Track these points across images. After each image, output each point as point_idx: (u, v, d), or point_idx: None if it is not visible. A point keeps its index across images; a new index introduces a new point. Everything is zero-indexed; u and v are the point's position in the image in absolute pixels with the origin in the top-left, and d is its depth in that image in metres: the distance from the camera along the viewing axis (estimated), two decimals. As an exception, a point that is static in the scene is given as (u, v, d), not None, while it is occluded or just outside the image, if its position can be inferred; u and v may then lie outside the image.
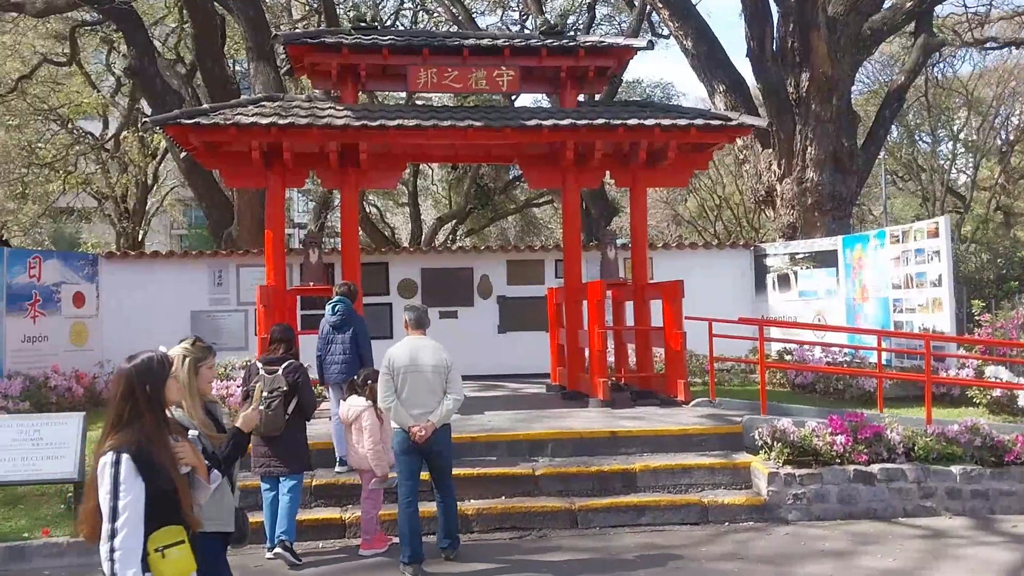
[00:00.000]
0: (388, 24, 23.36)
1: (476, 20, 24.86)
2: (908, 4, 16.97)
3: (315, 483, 7.90)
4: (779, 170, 16.23)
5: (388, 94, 22.91)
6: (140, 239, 27.18)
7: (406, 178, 26.88)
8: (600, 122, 10.35)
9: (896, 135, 31.20)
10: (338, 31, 11.49)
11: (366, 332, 8.39)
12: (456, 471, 7.51)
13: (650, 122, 10.41)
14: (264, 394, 6.71)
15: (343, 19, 19.95)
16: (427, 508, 7.03)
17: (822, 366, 11.84)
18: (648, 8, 21.38)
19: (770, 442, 8.23)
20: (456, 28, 22.19)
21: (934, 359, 9.98)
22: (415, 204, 29.21)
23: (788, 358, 12.71)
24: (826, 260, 14.16)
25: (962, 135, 32.28)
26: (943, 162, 32.74)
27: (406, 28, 24.30)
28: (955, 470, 7.99)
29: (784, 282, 14.83)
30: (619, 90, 23.69)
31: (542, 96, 25.56)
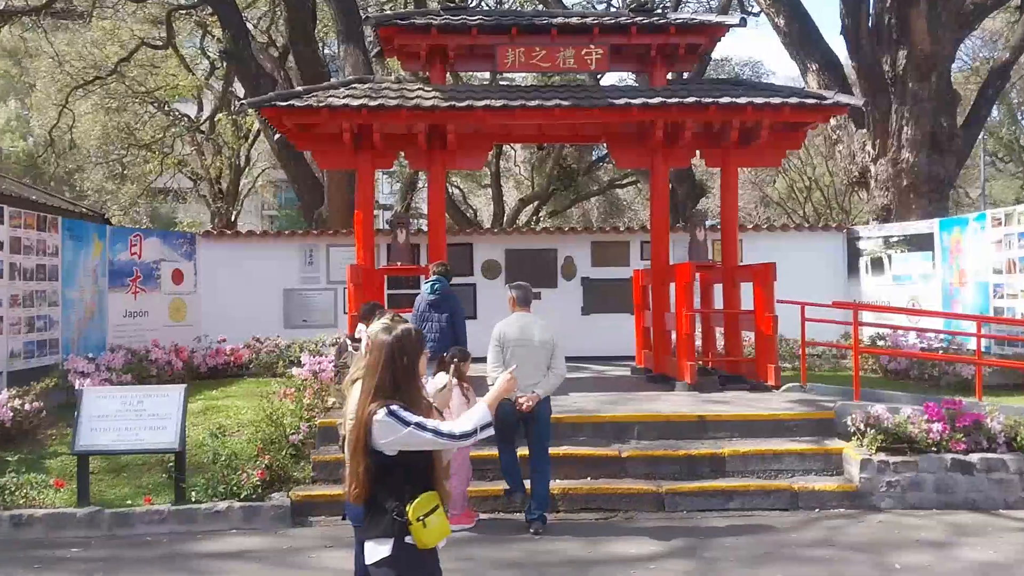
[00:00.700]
0: (475, 5, 23.41)
1: (562, -1, 24.71)
2: (1015, -23, 16.24)
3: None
4: (873, 151, 15.75)
5: (472, 75, 22.99)
6: (233, 219, 27.95)
7: (489, 160, 26.95)
8: (691, 100, 10.20)
9: (997, 114, 29.96)
10: (427, 12, 11.58)
11: (462, 312, 8.50)
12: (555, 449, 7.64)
13: (742, 100, 10.21)
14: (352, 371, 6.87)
15: (430, 1, 20.07)
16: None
17: (917, 351, 11.49)
18: (738, -15, 20.91)
19: (863, 428, 8.05)
20: (542, 7, 22.10)
21: (1039, 347, 9.59)
22: (497, 186, 29.29)
23: (881, 343, 12.37)
24: (922, 243, 13.71)
25: (1069, 114, 30.83)
26: (1048, 142, 31.32)
27: (492, 8, 24.30)
28: (1061, 462, 7.69)
29: (877, 266, 14.42)
30: (707, 69, 23.29)
31: (627, 76, 25.33)
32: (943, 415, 7.90)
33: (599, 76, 20.32)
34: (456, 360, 7.25)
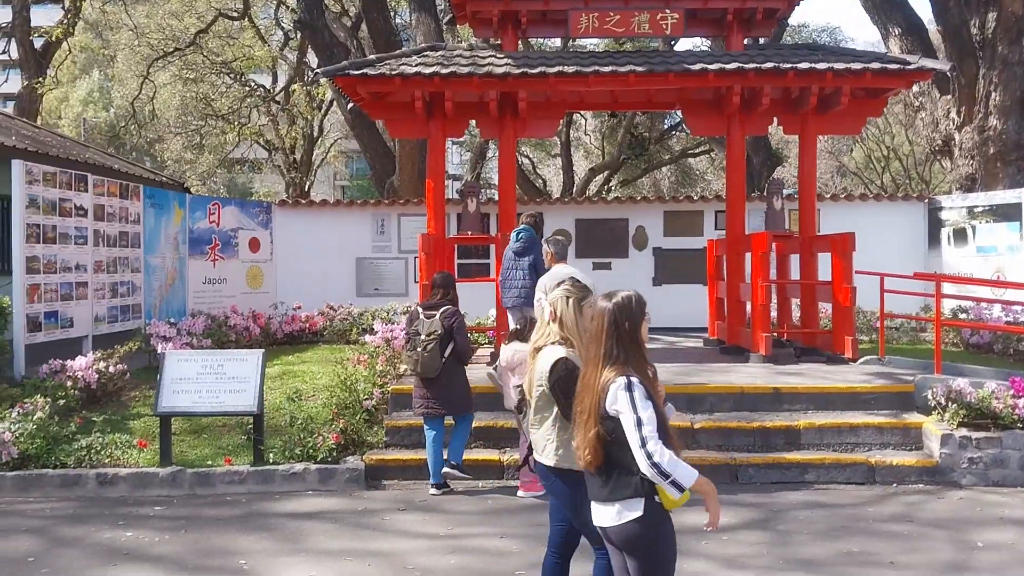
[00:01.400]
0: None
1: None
2: (1116, -68, 15.37)
3: (475, 425, 8.10)
4: (958, 118, 15.18)
5: (542, 43, 22.79)
6: (307, 189, 28.36)
7: (559, 129, 26.80)
8: (769, 66, 9.94)
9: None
10: (500, -22, 11.45)
11: (543, 262, 8.56)
12: None
13: (822, 66, 9.92)
14: (422, 337, 7.17)
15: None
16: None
17: (1002, 325, 11.11)
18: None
19: (944, 403, 7.83)
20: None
21: None
22: (567, 155, 29.08)
23: (963, 316, 11.99)
24: (1008, 214, 13.20)
25: None
26: None
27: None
28: None
29: (960, 236, 13.95)
30: (784, 35, 22.67)
31: (699, 42, 24.84)
32: (1030, 390, 7.64)
33: (672, 42, 19.96)
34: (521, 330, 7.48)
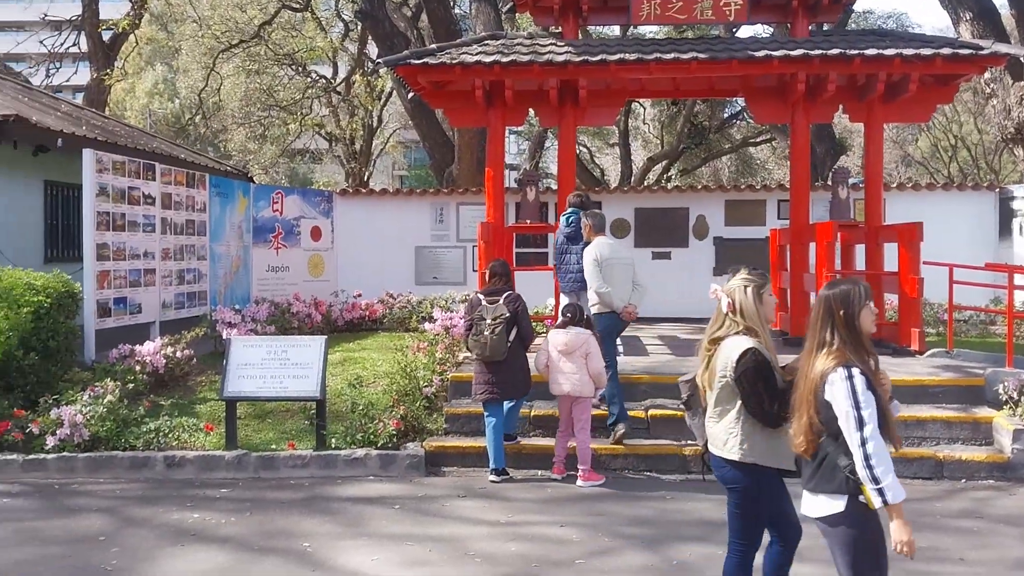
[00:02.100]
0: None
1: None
2: None
3: (534, 414, 8.12)
4: (1033, 104, 14.73)
5: (600, 30, 22.64)
6: (366, 179, 28.62)
7: (617, 118, 26.62)
8: (835, 52, 9.73)
9: None
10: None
11: None
12: (675, 412, 7.90)
13: (890, 52, 9.68)
14: (488, 321, 7.25)
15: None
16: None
17: (1078, 319, 10.76)
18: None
19: (1016, 397, 7.63)
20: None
21: None
22: (626, 144, 28.87)
23: (1037, 310, 11.64)
24: (1087, 203, 12.78)
25: None
26: None
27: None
28: None
29: (1034, 227, 13.54)
30: (849, 21, 22.18)
31: (761, 28, 24.43)
32: (1108, 385, 7.39)
33: (734, 29, 19.67)
34: (586, 315, 7.60)
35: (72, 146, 10.93)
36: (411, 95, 13.40)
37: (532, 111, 11.65)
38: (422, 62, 10.13)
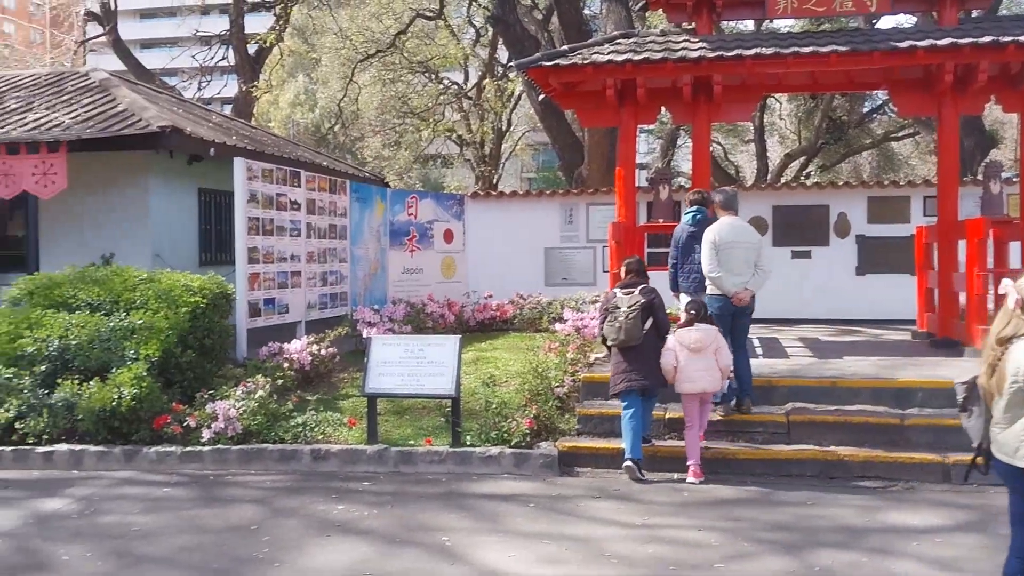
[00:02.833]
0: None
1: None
2: None
3: (668, 416, 8.03)
4: None
5: (732, 26, 22.18)
6: (495, 182, 29.00)
7: (753, 113, 26.02)
8: (986, 40, 9.23)
9: None
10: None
11: None
12: (816, 416, 7.80)
13: (1049, 37, 9.12)
14: (623, 309, 7.35)
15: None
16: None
17: None
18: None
19: None
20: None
21: None
22: (761, 141, 28.19)
23: None
24: None
25: None
26: None
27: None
28: None
29: None
30: (1001, 7, 20.98)
31: (902, 18, 23.38)
32: None
33: (874, 21, 18.92)
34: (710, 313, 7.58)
35: (223, 155, 11.52)
36: (541, 97, 13.52)
37: (664, 109, 11.54)
38: (553, 64, 10.20)
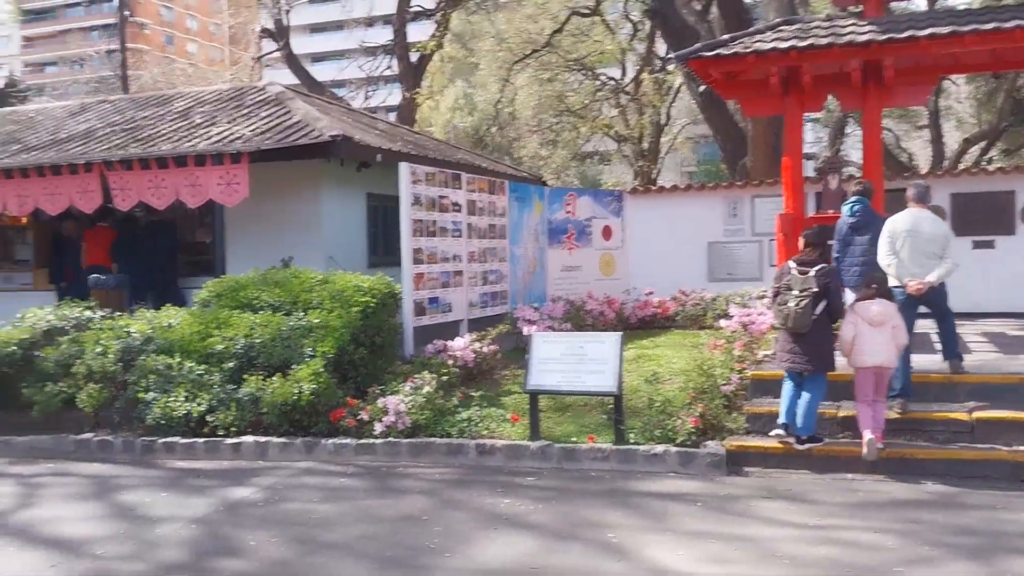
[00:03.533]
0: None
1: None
2: None
3: (841, 415, 7.73)
4: None
5: (903, 6, 21.03)
6: (654, 177, 28.70)
7: (928, 97, 24.58)
8: None
9: None
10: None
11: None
12: (1001, 413, 7.40)
13: None
14: (795, 292, 7.22)
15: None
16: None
17: None
18: None
19: None
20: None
21: None
22: (936, 125, 26.60)
23: None
24: None
25: None
26: None
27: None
28: None
29: None
30: None
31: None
32: None
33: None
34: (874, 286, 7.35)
35: (389, 160, 11.93)
36: (702, 88, 13.31)
37: (831, 96, 11.10)
38: (714, 53, 10.00)
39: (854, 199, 8.43)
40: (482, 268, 11.91)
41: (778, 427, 7.43)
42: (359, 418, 8.40)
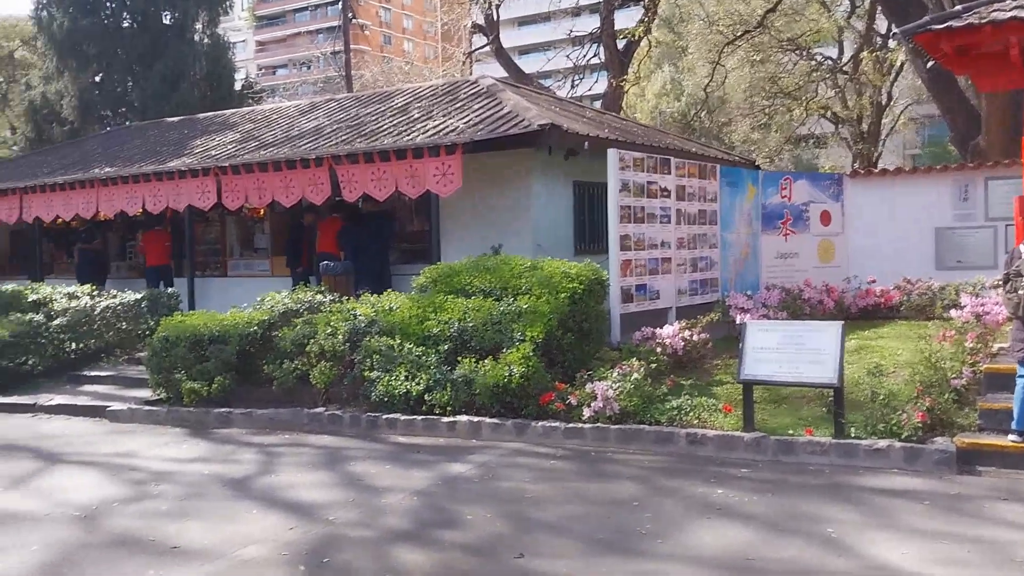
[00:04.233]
0: None
1: None
2: None
3: (1093, 413, 7.05)
4: None
5: None
6: (875, 160, 27.19)
7: None
8: None
9: None
10: None
11: None
12: None
13: None
14: None
15: None
16: None
17: None
18: None
19: None
20: None
21: None
22: None
23: None
24: None
25: None
26: None
27: None
28: None
29: None
30: None
31: None
32: None
33: None
34: None
35: (596, 148, 12.00)
36: (929, 65, 12.47)
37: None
38: (945, 26, 9.31)
39: None
40: (691, 255, 11.74)
41: (1014, 432, 6.95)
42: (567, 402, 8.52)
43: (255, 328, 10.44)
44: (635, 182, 10.80)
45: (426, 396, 8.98)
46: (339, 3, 32.13)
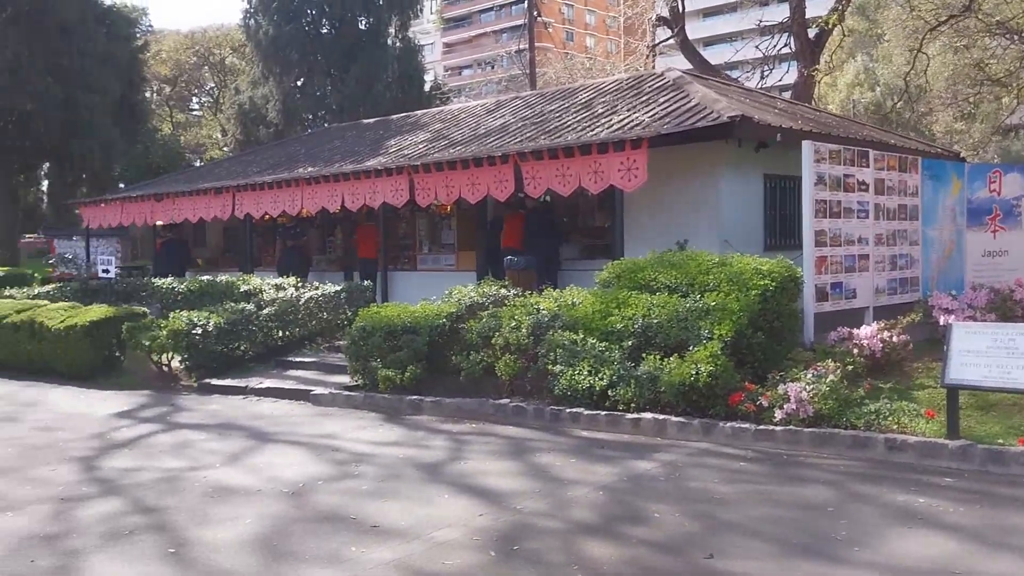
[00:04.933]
0: None
1: None
2: None
3: None
4: None
5: None
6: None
7: None
8: None
9: None
10: None
11: None
12: None
13: None
14: None
15: None
16: None
17: None
18: None
19: None
20: None
21: None
22: None
23: None
24: None
25: None
26: None
27: None
28: None
29: None
30: None
31: None
32: None
33: None
34: None
35: (788, 139, 11.61)
36: None
37: None
38: None
39: None
40: (890, 252, 11.17)
41: None
42: (758, 403, 8.31)
43: (443, 320, 10.79)
44: (831, 175, 10.38)
45: (609, 392, 8.98)
46: (524, 2, 32.62)
